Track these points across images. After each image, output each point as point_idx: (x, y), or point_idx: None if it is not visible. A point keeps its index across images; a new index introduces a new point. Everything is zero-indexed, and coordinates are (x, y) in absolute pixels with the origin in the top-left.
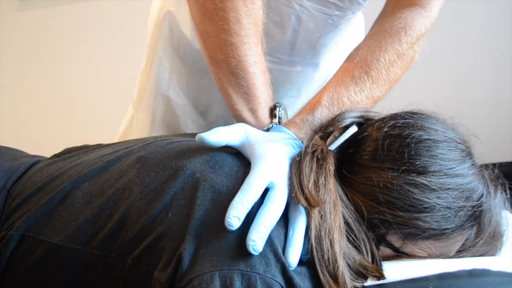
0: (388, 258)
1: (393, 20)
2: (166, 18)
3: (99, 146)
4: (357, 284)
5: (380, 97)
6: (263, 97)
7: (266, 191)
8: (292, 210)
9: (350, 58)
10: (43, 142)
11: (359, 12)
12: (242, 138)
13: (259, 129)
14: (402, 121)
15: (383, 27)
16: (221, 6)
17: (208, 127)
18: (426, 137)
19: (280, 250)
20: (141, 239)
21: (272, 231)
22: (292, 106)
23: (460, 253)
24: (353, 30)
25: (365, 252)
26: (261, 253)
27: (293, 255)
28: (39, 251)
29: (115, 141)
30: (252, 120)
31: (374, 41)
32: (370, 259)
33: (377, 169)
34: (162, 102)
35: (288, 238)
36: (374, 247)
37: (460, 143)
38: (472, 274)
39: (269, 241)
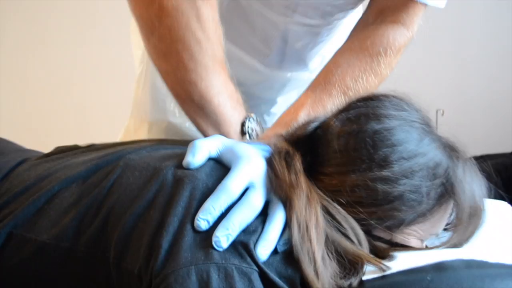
0: None
1: (375, 38)
2: None
3: (89, 149)
4: (351, 281)
5: None
6: (234, 120)
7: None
8: (271, 207)
9: (328, 73)
10: (39, 132)
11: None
12: (220, 148)
13: None
14: (353, 112)
15: (364, 45)
16: (173, 47)
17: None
18: (380, 126)
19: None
20: (124, 238)
21: (250, 225)
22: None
23: (451, 239)
24: (347, 23)
25: (356, 242)
26: (235, 246)
27: (263, 249)
28: (27, 249)
29: None
30: None
31: (354, 59)
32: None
33: (339, 175)
34: (159, 110)
35: (262, 232)
36: (369, 238)
37: (414, 121)
38: (470, 265)
39: (245, 235)
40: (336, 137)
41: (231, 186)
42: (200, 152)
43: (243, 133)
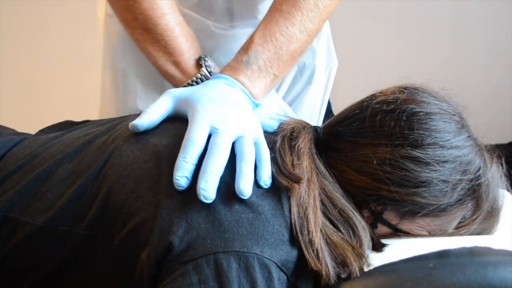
0: (385, 236)
1: None
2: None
3: (83, 125)
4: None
5: (314, 29)
6: (185, 48)
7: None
8: (239, 147)
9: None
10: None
11: None
12: (174, 102)
13: (187, 82)
14: (392, 96)
15: None
16: None
17: None
18: (419, 109)
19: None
20: (127, 220)
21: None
22: None
23: (458, 230)
24: None
25: (344, 232)
26: (256, 234)
27: (244, 184)
28: (24, 232)
29: None
30: (177, 73)
31: None
32: (364, 239)
33: (371, 146)
34: (130, 96)
35: (237, 170)
36: (367, 225)
37: (454, 114)
38: (473, 252)
39: (263, 222)
40: (373, 115)
41: (194, 137)
42: (148, 115)
43: (199, 65)
